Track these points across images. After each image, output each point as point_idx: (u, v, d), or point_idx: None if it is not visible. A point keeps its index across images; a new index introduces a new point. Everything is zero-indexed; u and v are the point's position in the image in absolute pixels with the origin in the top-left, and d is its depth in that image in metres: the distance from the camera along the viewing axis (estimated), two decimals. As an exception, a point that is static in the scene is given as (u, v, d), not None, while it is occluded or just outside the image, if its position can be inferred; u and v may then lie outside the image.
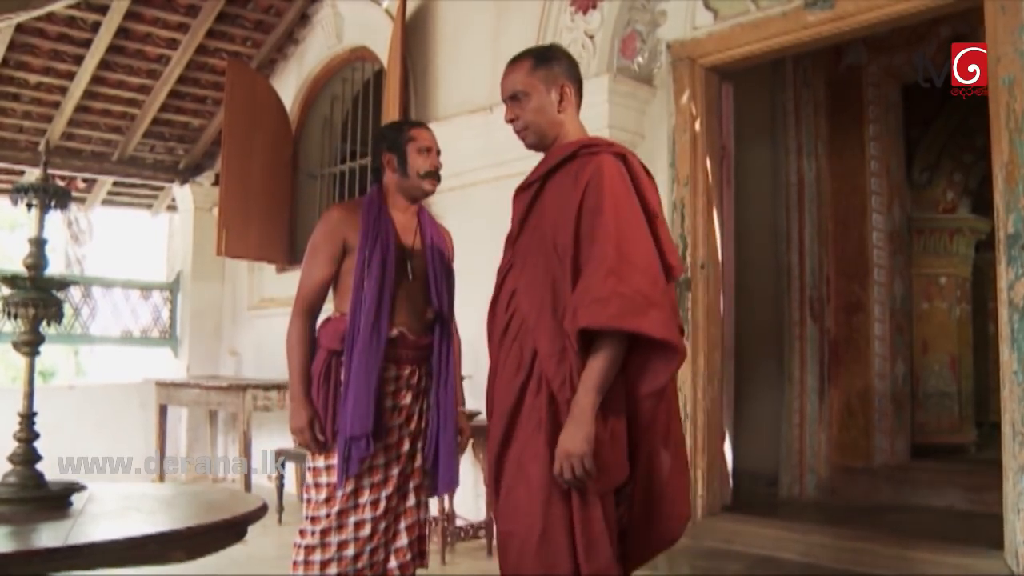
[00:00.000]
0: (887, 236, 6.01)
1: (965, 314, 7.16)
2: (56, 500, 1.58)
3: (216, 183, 7.41)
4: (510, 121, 2.38)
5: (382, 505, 2.85)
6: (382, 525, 2.86)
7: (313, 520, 2.82)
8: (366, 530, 2.82)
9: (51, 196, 1.61)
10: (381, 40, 6.01)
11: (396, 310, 2.91)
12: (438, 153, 3.07)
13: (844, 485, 5.72)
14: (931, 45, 5.67)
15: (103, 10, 5.99)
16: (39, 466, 1.67)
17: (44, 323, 1.62)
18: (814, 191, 5.91)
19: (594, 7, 4.69)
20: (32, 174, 7.08)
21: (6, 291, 1.68)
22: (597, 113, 4.41)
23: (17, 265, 1.70)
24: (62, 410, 6.30)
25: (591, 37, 4.69)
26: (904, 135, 6.29)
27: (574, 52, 4.65)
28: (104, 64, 6.41)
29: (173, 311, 7.79)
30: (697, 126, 4.46)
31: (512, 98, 2.35)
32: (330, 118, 7.10)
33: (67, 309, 7.05)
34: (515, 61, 2.39)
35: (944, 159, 6.98)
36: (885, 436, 5.88)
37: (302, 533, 2.82)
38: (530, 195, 2.32)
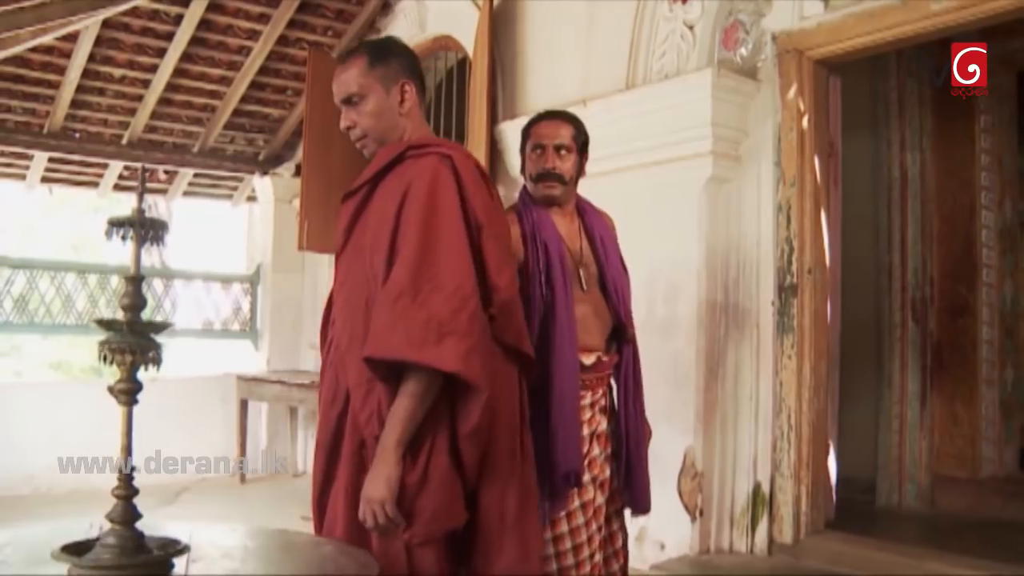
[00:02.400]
0: (997, 234, 5.67)
1: (1080, 318, 6.76)
2: (158, 566, 1.45)
3: (296, 174, 7.35)
4: (347, 129, 2.14)
5: (596, 539, 2.62)
6: (599, 557, 2.63)
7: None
8: (586, 569, 2.57)
9: (148, 229, 1.47)
10: (466, 29, 5.85)
11: (586, 331, 2.61)
12: (559, 150, 2.67)
13: (946, 496, 5.44)
14: (1053, 29, 5.31)
15: (186, 2, 5.94)
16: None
17: (143, 367, 1.49)
18: (918, 187, 5.61)
19: (694, -5, 4.46)
20: (115, 168, 7.13)
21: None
22: (698, 109, 4.19)
23: (95, 249, 1.56)
24: (144, 403, 6.26)
25: (690, 28, 4.45)
26: (1018, 126, 5.91)
27: (673, 43, 4.49)
28: (186, 56, 6.38)
29: (253, 303, 7.77)
30: (805, 123, 4.20)
31: (347, 101, 2.12)
32: (412, 108, 6.94)
33: (149, 301, 7.12)
34: (347, 59, 2.15)
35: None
36: (992, 445, 5.56)
37: None
38: (356, 203, 2.10)
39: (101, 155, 6.92)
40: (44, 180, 7.19)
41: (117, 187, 7.40)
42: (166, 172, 7.45)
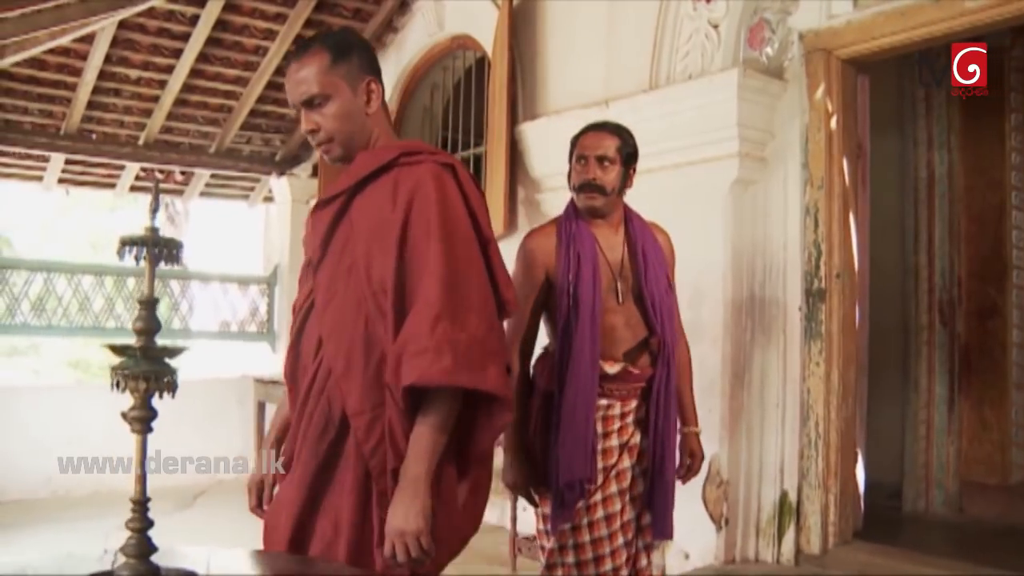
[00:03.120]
0: (1027, 234, 5.55)
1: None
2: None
3: (314, 175, 7.30)
4: (309, 132, 1.94)
5: (623, 554, 2.61)
6: (624, 573, 2.61)
7: (549, 568, 2.64)
8: None
9: (162, 249, 1.40)
10: (485, 28, 5.77)
11: (612, 342, 2.61)
12: (601, 161, 2.66)
13: (975, 502, 5.33)
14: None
15: (202, 2, 5.89)
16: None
17: (157, 395, 1.43)
18: (945, 186, 5.49)
19: (718, -6, 4.37)
20: (132, 169, 7.09)
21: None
22: (724, 110, 4.11)
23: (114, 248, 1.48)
24: (161, 405, 6.23)
25: (715, 27, 4.36)
26: (1051, 125, 5.79)
27: (697, 42, 4.40)
28: (202, 57, 6.33)
29: (271, 305, 7.73)
30: (833, 123, 4.11)
31: (308, 103, 1.91)
32: (430, 108, 6.88)
33: (165, 303, 7.09)
34: (303, 55, 1.93)
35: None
36: (1022, 451, 5.45)
37: None
38: (333, 212, 1.91)
39: (117, 156, 6.88)
40: (61, 181, 7.18)
41: (134, 188, 7.38)
42: (182, 173, 7.42)
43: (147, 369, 1.43)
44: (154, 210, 1.52)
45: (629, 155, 2.72)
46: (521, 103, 5.53)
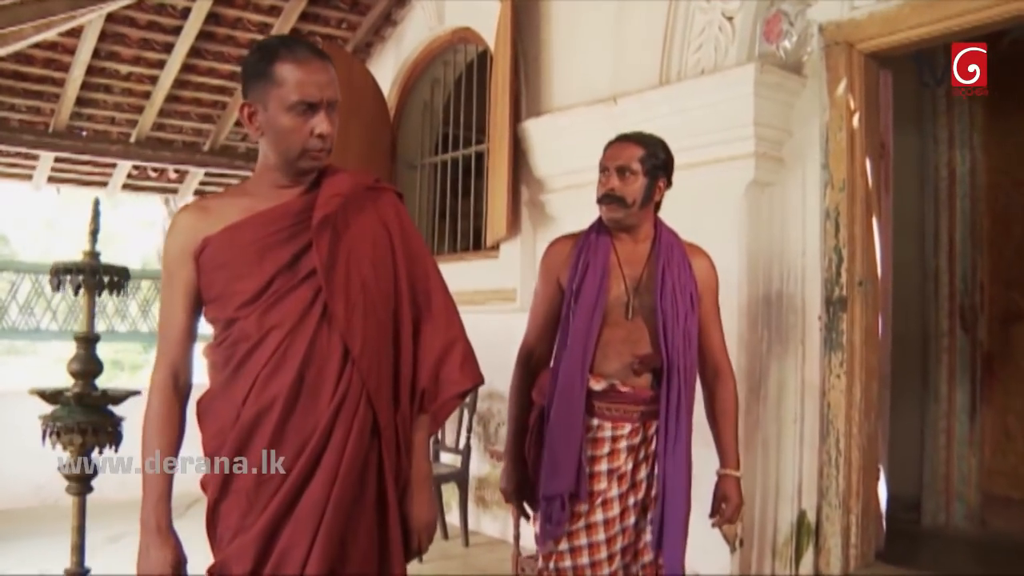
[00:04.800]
0: (1053, 236, 5.33)
1: None
2: None
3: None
4: (320, 136, 1.84)
5: None
6: None
7: None
8: None
9: (103, 277, 1.18)
10: (486, 21, 5.56)
11: (605, 356, 2.52)
12: (623, 172, 2.57)
13: (998, 517, 5.13)
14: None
15: (193, -5, 5.71)
16: None
17: (97, 450, 1.21)
18: (967, 186, 5.30)
19: (733, -15, 4.14)
20: (124, 167, 6.89)
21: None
22: (740, 108, 3.88)
23: (118, 246, 1.27)
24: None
25: (729, 19, 4.13)
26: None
27: (710, 35, 4.18)
28: (194, 52, 6.15)
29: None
30: (855, 121, 3.88)
31: (330, 105, 1.85)
32: (431, 103, 6.67)
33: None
34: (325, 57, 1.88)
35: None
36: (1048, 463, 5.25)
37: None
38: (331, 223, 1.90)
39: (108, 154, 6.73)
40: (51, 180, 7.01)
41: (127, 186, 7.21)
42: (176, 171, 7.23)
43: (83, 420, 1.21)
44: (93, 232, 1.30)
45: (655, 167, 2.60)
46: (525, 99, 5.33)
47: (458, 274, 5.63)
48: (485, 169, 5.66)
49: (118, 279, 1.21)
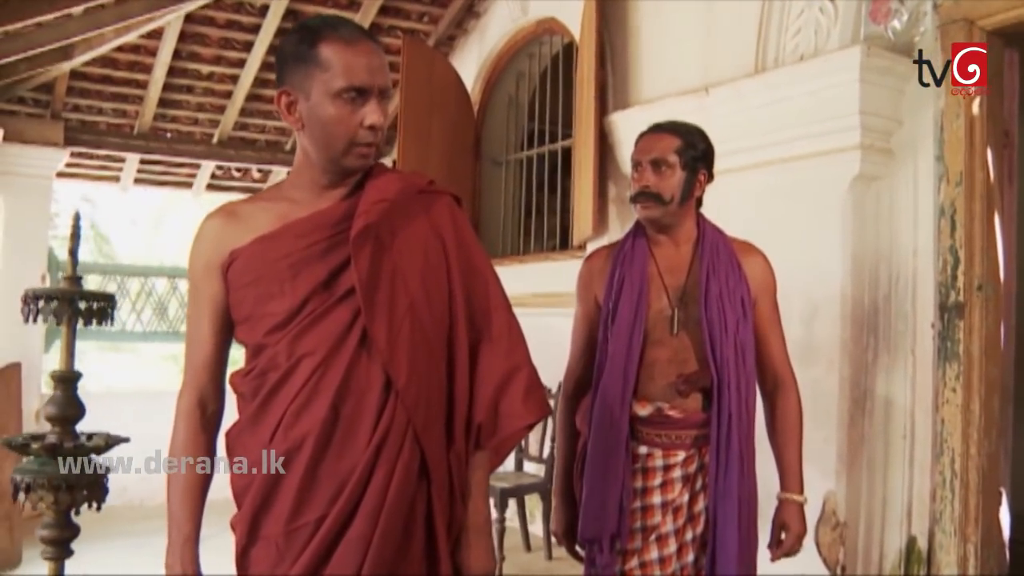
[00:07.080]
0: None
1: None
2: None
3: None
4: (370, 128, 1.64)
5: None
6: None
7: None
8: None
9: (79, 305, 0.99)
10: (572, 10, 5.36)
11: (650, 378, 2.28)
12: (657, 166, 2.32)
13: None
14: None
15: (270, -8, 5.66)
16: None
17: (85, 505, 1.02)
18: (1100, 177, 4.81)
19: (835, -38, 3.81)
20: (208, 168, 6.89)
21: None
22: (843, 95, 3.56)
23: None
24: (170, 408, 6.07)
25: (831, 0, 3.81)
26: None
27: (810, 17, 3.89)
28: (273, 50, 6.07)
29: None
30: (975, 108, 3.50)
31: (382, 93, 1.65)
32: (515, 97, 6.48)
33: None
34: (374, 41, 1.70)
35: None
36: None
37: None
38: (373, 234, 1.67)
39: (192, 155, 6.76)
40: (137, 181, 7.07)
41: (211, 187, 7.23)
42: (260, 171, 7.22)
43: (57, 477, 1.03)
44: (72, 251, 1.12)
45: (695, 158, 2.35)
46: (611, 91, 5.10)
47: (545, 274, 5.46)
48: (571, 165, 5.45)
49: (100, 306, 1.04)
